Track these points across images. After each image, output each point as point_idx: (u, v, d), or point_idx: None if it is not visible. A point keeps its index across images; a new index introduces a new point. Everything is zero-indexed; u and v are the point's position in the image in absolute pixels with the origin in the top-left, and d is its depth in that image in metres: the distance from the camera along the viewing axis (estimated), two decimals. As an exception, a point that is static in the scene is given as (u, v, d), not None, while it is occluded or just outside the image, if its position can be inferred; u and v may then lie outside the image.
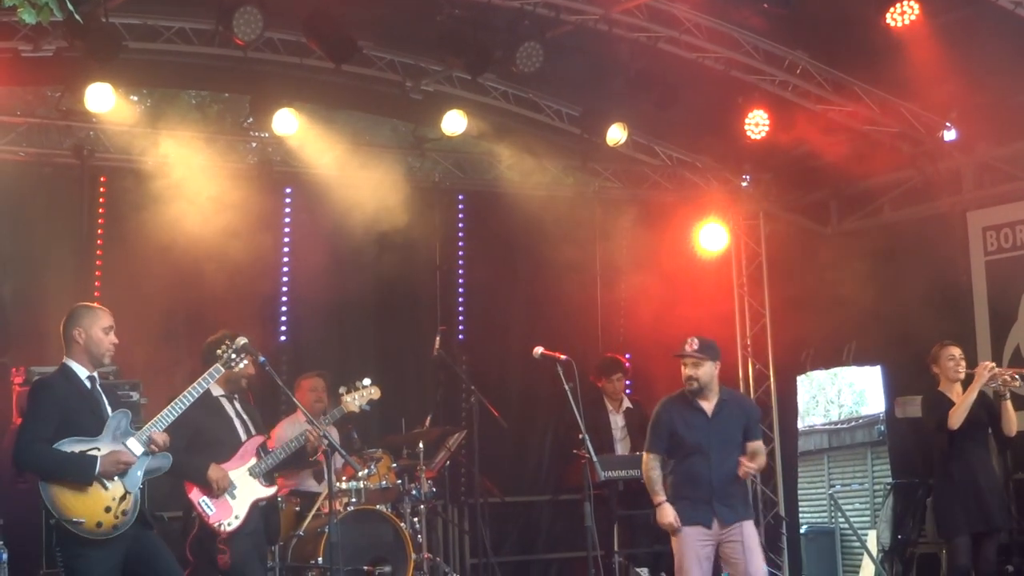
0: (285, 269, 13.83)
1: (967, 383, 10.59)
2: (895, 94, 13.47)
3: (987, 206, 13.88)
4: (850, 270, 14.28)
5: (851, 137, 13.92)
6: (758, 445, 9.79)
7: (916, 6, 11.75)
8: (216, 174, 13.13)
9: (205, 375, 8.46)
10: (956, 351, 10.72)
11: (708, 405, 9.60)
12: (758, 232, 15.63)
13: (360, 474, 11.15)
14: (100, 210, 13.01)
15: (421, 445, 11.86)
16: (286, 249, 13.84)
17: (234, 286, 12.84)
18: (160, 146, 13.13)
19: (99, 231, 12.97)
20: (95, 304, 8.33)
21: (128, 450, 7.93)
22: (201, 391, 8.37)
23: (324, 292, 13.63)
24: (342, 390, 10.22)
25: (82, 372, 8.06)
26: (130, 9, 11.80)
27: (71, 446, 7.80)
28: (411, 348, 13.98)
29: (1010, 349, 13.42)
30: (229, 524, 8.99)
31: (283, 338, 13.46)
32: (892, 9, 11.81)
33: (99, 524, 7.74)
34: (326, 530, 9.93)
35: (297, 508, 11.22)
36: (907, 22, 11.81)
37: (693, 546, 9.42)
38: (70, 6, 5.88)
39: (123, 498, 7.86)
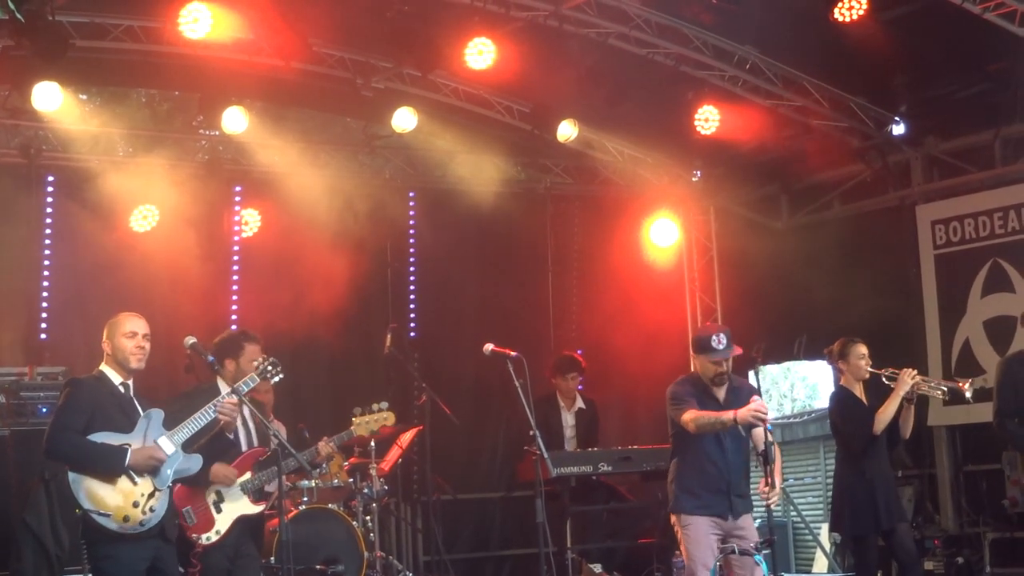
0: (236, 268, 13.78)
1: (873, 383, 10.36)
2: (844, 89, 13.53)
3: (936, 200, 13.96)
4: (801, 264, 14.35)
5: (801, 132, 13.98)
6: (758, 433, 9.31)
7: (864, 1, 11.81)
8: (166, 172, 13.10)
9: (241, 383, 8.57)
10: (865, 349, 10.48)
11: (720, 392, 9.46)
12: (709, 227, 15.67)
13: (312, 473, 11.09)
14: (48, 209, 12.95)
15: (373, 443, 11.83)
16: (236, 248, 13.80)
17: (183, 284, 12.81)
18: (109, 145, 13.10)
19: (47, 230, 12.91)
20: (129, 313, 8.24)
21: (159, 448, 7.95)
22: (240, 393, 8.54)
23: (274, 289, 13.57)
24: (356, 411, 10.16)
25: (115, 378, 8.09)
26: (77, 7, 11.69)
27: (102, 439, 7.83)
28: (362, 345, 13.94)
29: (959, 342, 13.50)
30: (208, 538, 8.86)
31: (234, 336, 13.36)
32: (840, 4, 11.87)
33: (126, 519, 7.74)
34: (277, 529, 9.86)
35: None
36: (855, 17, 11.89)
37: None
38: (11, 5, 5.83)
39: (152, 495, 7.86)
